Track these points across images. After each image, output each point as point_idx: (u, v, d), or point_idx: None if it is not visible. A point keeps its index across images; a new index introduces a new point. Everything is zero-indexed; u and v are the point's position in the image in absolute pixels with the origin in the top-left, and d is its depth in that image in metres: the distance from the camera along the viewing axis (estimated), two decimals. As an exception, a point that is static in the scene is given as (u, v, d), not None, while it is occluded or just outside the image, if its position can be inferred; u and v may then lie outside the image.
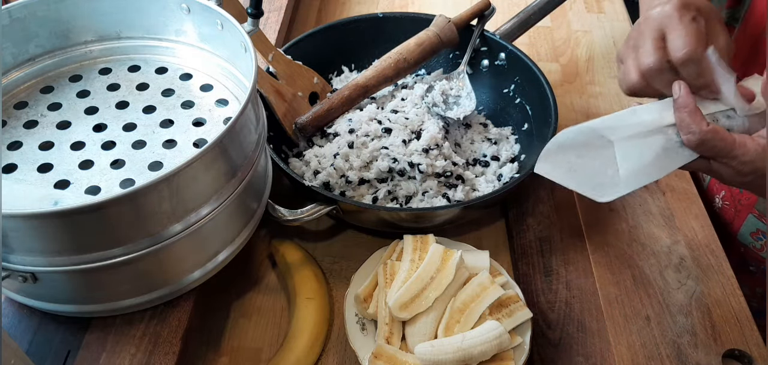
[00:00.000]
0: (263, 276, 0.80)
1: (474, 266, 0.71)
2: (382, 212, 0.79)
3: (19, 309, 0.67)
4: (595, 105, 1.05)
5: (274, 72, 0.89)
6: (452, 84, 0.94)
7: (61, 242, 0.58)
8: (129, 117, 0.72)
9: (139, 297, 0.65)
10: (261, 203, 0.74)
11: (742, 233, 0.88)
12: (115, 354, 0.64)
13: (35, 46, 0.76)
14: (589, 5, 1.26)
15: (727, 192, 0.91)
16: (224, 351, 0.73)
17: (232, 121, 0.61)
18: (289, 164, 0.86)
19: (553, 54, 1.15)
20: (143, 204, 0.59)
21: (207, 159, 0.61)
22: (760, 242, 0.87)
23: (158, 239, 0.61)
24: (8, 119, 0.71)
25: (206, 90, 0.75)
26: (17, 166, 0.66)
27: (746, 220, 0.87)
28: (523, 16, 0.99)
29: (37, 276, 0.61)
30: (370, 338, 0.68)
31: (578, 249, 0.81)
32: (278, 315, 0.76)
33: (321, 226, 0.86)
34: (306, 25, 1.20)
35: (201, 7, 0.74)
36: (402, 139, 0.84)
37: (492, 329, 0.64)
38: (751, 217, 0.87)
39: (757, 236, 0.87)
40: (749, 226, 0.87)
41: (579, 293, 0.76)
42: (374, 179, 0.82)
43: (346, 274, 0.78)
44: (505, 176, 0.86)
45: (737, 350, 0.70)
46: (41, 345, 0.65)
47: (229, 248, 0.69)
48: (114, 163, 0.67)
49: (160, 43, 0.79)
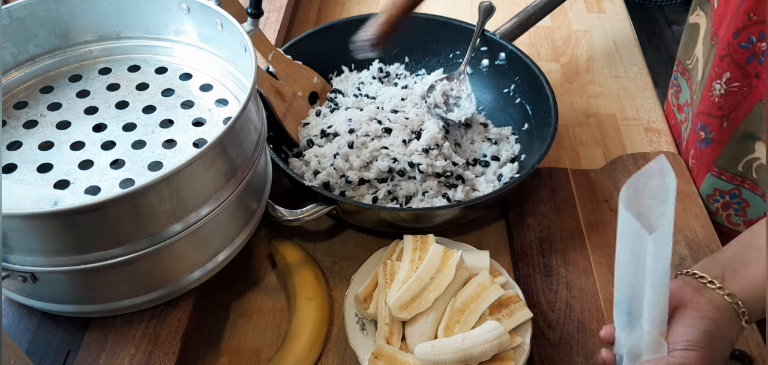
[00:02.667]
0: (263, 276, 0.80)
1: (474, 267, 0.71)
2: (382, 212, 0.79)
3: (19, 309, 0.67)
4: (595, 105, 1.05)
5: (274, 72, 0.89)
6: (453, 85, 0.94)
7: (61, 242, 0.58)
8: (129, 117, 0.72)
9: (138, 297, 0.65)
10: (261, 203, 0.73)
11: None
12: (115, 354, 0.64)
13: (35, 46, 0.76)
14: (590, 5, 1.26)
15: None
16: (224, 351, 0.73)
17: (232, 121, 0.61)
18: (289, 164, 0.86)
19: (553, 54, 1.15)
20: (143, 204, 0.59)
21: (207, 159, 0.61)
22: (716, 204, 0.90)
23: (158, 239, 0.61)
24: (8, 119, 0.71)
25: (206, 90, 0.75)
26: (17, 166, 0.66)
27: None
28: (523, 16, 0.99)
29: (37, 276, 0.61)
30: (370, 338, 0.68)
31: (578, 249, 0.81)
32: (278, 315, 0.76)
33: (321, 226, 0.86)
34: (306, 25, 1.20)
35: (201, 7, 0.74)
36: (402, 139, 0.84)
37: (492, 329, 0.64)
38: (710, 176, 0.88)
39: (714, 198, 0.89)
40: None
41: (579, 293, 0.76)
42: (374, 179, 0.82)
43: (346, 274, 0.78)
44: (505, 176, 0.86)
45: (737, 350, 0.70)
46: (41, 345, 0.65)
47: (229, 248, 0.69)
48: (114, 163, 0.66)
49: (159, 43, 0.79)
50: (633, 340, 0.58)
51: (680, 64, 0.97)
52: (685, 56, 0.95)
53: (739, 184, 0.86)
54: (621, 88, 1.08)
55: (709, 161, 0.87)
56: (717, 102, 0.84)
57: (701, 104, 0.87)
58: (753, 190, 0.85)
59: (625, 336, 0.59)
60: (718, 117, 0.84)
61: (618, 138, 0.99)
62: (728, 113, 0.83)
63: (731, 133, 0.84)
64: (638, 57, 1.14)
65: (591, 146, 0.98)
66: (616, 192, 0.87)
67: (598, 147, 0.97)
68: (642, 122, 1.01)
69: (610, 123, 1.01)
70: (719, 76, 0.82)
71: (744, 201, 0.87)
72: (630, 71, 1.11)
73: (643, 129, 1.00)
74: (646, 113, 1.03)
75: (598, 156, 0.96)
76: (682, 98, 0.97)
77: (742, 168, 0.85)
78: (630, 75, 1.11)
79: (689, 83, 0.94)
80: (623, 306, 0.59)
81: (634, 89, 1.08)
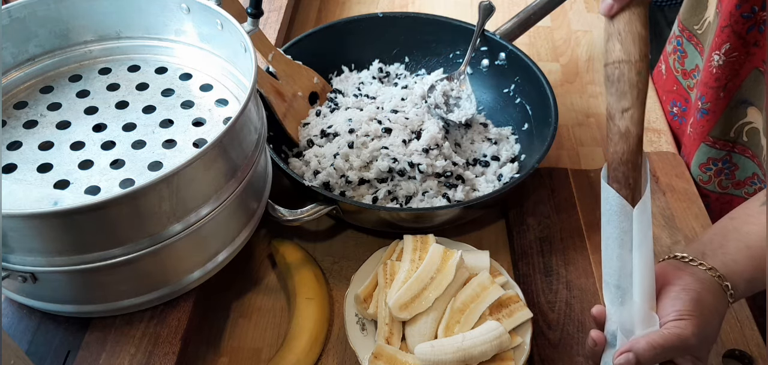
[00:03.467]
0: (263, 276, 0.80)
1: (474, 267, 0.71)
2: (382, 212, 0.79)
3: (19, 309, 0.67)
4: (595, 105, 1.05)
5: (274, 72, 0.89)
6: (453, 85, 0.94)
7: (61, 242, 0.58)
8: (129, 117, 0.72)
9: (138, 297, 0.65)
10: (261, 203, 0.73)
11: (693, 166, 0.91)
12: (115, 354, 0.64)
13: (35, 45, 0.76)
14: (589, 5, 1.26)
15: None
16: (224, 351, 0.73)
17: (232, 121, 0.61)
18: (289, 164, 0.86)
19: (553, 54, 1.15)
20: (143, 204, 0.59)
21: (207, 159, 0.61)
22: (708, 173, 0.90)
23: (158, 239, 0.61)
24: (8, 119, 0.71)
25: (206, 90, 0.75)
26: (17, 166, 0.66)
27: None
28: (523, 16, 0.99)
29: (37, 276, 0.61)
30: (370, 338, 0.68)
31: (578, 249, 0.81)
32: (278, 315, 0.76)
33: (321, 226, 0.86)
34: (306, 25, 1.20)
35: (201, 7, 0.74)
36: (402, 139, 0.84)
37: (492, 329, 0.64)
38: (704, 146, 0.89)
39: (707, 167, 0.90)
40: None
41: (579, 293, 0.76)
42: (374, 179, 0.82)
43: (346, 274, 0.78)
44: (505, 176, 0.86)
45: (737, 350, 0.70)
46: (41, 345, 0.65)
47: (229, 248, 0.69)
48: (114, 163, 0.67)
49: (159, 43, 0.79)
50: (624, 315, 0.59)
51: (685, 29, 0.94)
52: (692, 21, 0.93)
53: (731, 149, 0.87)
54: (621, 88, 1.08)
55: (705, 132, 0.88)
56: (714, 73, 0.84)
57: (702, 73, 0.87)
58: (742, 153, 0.86)
59: (615, 312, 0.59)
60: (715, 88, 0.85)
61: (618, 138, 0.99)
62: (725, 84, 0.84)
63: (727, 102, 0.85)
64: (638, 57, 1.14)
65: (591, 146, 0.97)
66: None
67: (598, 147, 0.97)
68: (642, 122, 1.01)
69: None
70: (719, 47, 0.82)
71: (733, 165, 0.88)
72: (630, 71, 1.11)
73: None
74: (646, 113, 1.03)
75: (598, 156, 0.96)
76: (689, 63, 0.95)
77: (734, 134, 0.86)
78: (630, 75, 1.10)
79: (699, 48, 0.92)
80: (612, 280, 0.59)
81: (634, 89, 1.07)
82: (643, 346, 0.56)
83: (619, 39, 0.58)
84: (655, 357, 0.56)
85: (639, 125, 0.58)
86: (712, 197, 0.91)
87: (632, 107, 0.58)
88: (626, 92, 0.58)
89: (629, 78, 0.58)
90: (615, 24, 0.58)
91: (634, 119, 0.58)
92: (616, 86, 0.58)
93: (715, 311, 0.59)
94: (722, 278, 0.60)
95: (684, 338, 0.56)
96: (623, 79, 0.58)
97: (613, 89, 0.58)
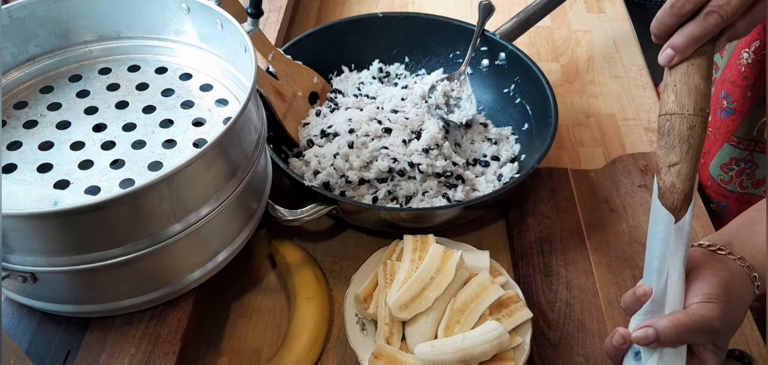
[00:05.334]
0: (263, 276, 0.80)
1: (474, 267, 0.71)
2: (382, 212, 0.79)
3: (19, 309, 0.67)
4: (595, 105, 1.05)
5: (274, 72, 0.89)
6: (454, 85, 0.94)
7: (61, 242, 0.58)
8: (129, 117, 0.72)
9: (138, 297, 0.65)
10: (261, 203, 0.73)
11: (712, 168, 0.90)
12: (115, 355, 0.64)
13: (35, 45, 0.76)
14: (589, 5, 1.26)
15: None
16: (224, 351, 0.73)
17: (232, 121, 0.61)
18: (289, 164, 0.86)
19: (553, 54, 1.15)
20: (143, 204, 0.59)
21: (207, 159, 0.61)
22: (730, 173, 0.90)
23: (158, 239, 0.61)
24: (8, 119, 0.71)
25: (206, 90, 0.75)
26: (17, 166, 0.66)
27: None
28: (523, 16, 0.99)
29: (37, 276, 0.61)
30: (370, 338, 0.68)
31: (578, 249, 0.81)
32: (278, 315, 0.76)
33: (321, 226, 0.86)
34: (306, 25, 1.20)
35: (201, 7, 0.74)
36: (402, 139, 0.84)
37: (492, 329, 0.64)
38: (728, 145, 0.88)
39: (729, 167, 0.90)
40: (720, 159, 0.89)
41: (579, 293, 0.76)
42: (374, 179, 0.82)
43: (346, 274, 0.78)
44: (505, 176, 0.86)
45: (737, 350, 0.70)
46: (41, 345, 0.65)
47: (229, 248, 0.69)
48: (114, 163, 0.66)
49: (159, 43, 0.79)
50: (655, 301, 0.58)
51: None
52: None
53: (753, 149, 0.86)
54: (621, 88, 1.08)
55: (729, 132, 0.87)
56: (743, 71, 0.83)
57: (727, 71, 0.86)
58: (762, 151, 0.85)
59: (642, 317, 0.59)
60: (743, 87, 0.84)
61: (618, 138, 0.99)
62: (753, 83, 0.83)
63: (752, 102, 0.84)
64: (638, 57, 1.14)
65: (591, 146, 0.98)
66: (616, 192, 0.87)
67: (598, 147, 0.97)
68: (642, 122, 1.01)
69: (610, 123, 1.01)
70: (749, 43, 0.81)
71: (754, 164, 0.87)
72: (630, 71, 1.11)
73: (643, 129, 1.00)
74: (646, 113, 1.03)
75: (598, 156, 0.96)
76: None
77: (757, 133, 0.85)
78: (630, 75, 1.11)
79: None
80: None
81: (634, 89, 1.08)
82: (665, 323, 0.55)
83: (675, 91, 0.56)
84: (678, 335, 0.54)
85: (687, 181, 0.55)
86: (731, 197, 0.90)
87: (681, 162, 0.55)
88: (675, 146, 0.55)
89: (680, 132, 0.55)
90: (672, 75, 0.57)
91: (681, 175, 0.56)
92: (665, 139, 0.56)
93: (741, 299, 0.58)
94: (751, 269, 0.60)
95: (709, 319, 0.55)
96: (673, 133, 0.56)
97: (663, 142, 0.56)
